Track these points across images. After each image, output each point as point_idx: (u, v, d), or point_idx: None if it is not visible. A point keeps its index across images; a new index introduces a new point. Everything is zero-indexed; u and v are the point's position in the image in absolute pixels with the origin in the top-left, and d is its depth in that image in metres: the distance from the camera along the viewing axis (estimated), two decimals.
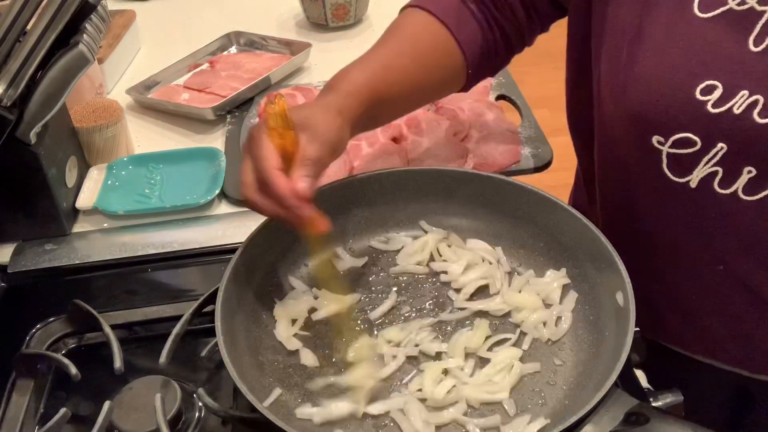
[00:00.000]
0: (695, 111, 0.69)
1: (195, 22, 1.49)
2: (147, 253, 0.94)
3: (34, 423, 0.75)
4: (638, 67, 0.72)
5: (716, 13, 0.68)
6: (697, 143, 0.71)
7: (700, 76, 0.69)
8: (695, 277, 0.81)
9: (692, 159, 0.72)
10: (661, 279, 0.84)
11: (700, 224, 0.76)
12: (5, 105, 0.83)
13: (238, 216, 0.99)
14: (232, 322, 0.74)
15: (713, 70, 0.68)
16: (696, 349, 0.88)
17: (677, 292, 0.84)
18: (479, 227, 0.86)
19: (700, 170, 0.72)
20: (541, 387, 0.72)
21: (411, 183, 0.86)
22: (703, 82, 0.68)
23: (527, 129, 1.10)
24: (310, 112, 0.73)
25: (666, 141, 0.72)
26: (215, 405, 0.69)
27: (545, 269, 0.82)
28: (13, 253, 0.94)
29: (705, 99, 0.69)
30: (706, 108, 0.69)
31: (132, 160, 1.08)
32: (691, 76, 0.69)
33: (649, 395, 0.70)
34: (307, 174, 0.68)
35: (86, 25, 0.86)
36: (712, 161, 0.71)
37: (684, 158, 0.73)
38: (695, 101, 0.69)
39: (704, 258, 0.79)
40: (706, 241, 0.77)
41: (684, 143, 0.71)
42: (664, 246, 0.82)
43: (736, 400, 0.92)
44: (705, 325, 0.84)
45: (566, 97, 0.94)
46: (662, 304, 0.86)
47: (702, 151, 0.71)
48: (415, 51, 0.85)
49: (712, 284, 0.80)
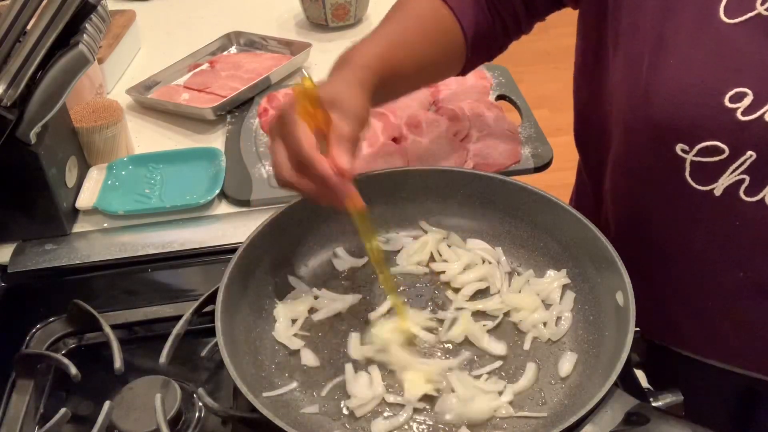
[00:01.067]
0: (724, 119, 0.68)
1: (195, 22, 1.49)
2: (147, 253, 0.94)
3: (34, 423, 0.75)
4: (662, 74, 0.71)
5: (744, 18, 0.67)
6: (724, 151, 0.69)
7: (729, 83, 0.67)
8: (713, 283, 0.80)
9: (718, 167, 0.71)
10: (676, 285, 0.83)
11: (722, 232, 0.75)
12: (5, 105, 0.83)
13: (238, 216, 0.99)
14: (232, 322, 0.74)
15: (743, 77, 0.67)
16: (710, 354, 0.87)
17: (693, 298, 0.83)
18: (479, 227, 0.86)
19: (726, 178, 0.71)
20: (541, 387, 0.72)
21: (411, 183, 0.86)
22: (732, 89, 0.67)
23: (527, 129, 1.10)
24: (336, 89, 0.71)
25: (691, 149, 0.71)
26: (215, 405, 0.69)
27: (545, 269, 0.82)
28: (13, 253, 0.94)
29: (734, 106, 0.67)
30: (736, 115, 0.67)
31: (132, 160, 1.08)
32: (720, 83, 0.68)
33: (649, 395, 0.70)
34: (346, 151, 0.68)
35: (86, 25, 0.86)
36: (739, 169, 0.70)
37: (709, 166, 0.71)
38: (724, 109, 0.67)
39: (724, 265, 0.78)
40: (727, 248, 0.76)
41: (710, 151, 0.70)
42: (680, 253, 0.81)
43: (740, 400, 0.92)
44: (721, 331, 0.83)
45: (574, 102, 0.94)
46: (676, 310, 0.85)
47: (729, 159, 0.70)
48: (421, 29, 0.85)
49: (731, 290, 0.79)
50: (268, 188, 1.02)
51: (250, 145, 1.10)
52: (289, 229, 0.83)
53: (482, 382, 0.71)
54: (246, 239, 0.78)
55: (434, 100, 1.17)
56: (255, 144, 1.10)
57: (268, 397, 0.71)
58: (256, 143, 1.10)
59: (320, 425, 0.70)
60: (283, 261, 0.83)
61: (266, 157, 1.07)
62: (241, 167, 1.05)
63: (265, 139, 1.11)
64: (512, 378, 0.73)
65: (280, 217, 0.81)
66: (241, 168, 1.05)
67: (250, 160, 1.07)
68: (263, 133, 1.13)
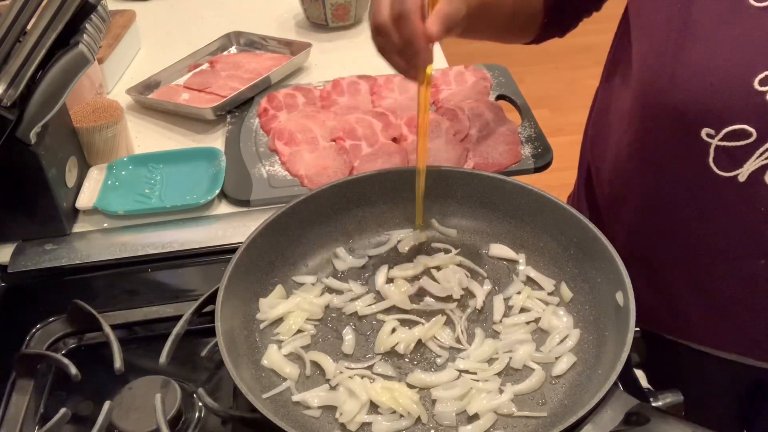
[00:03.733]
0: (753, 102, 0.68)
1: (195, 22, 1.50)
2: (147, 253, 0.94)
3: (34, 423, 0.75)
4: (688, 57, 0.71)
5: None
6: (752, 135, 0.70)
7: (759, 67, 0.68)
8: (733, 272, 0.80)
9: (744, 151, 0.71)
10: (694, 276, 0.83)
11: (745, 219, 0.75)
12: (5, 105, 0.83)
13: (238, 216, 0.99)
14: (231, 322, 0.74)
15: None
16: (728, 346, 0.86)
17: (712, 288, 0.82)
18: (479, 227, 0.86)
19: (752, 163, 0.71)
20: (541, 387, 0.72)
21: (411, 183, 0.86)
22: (762, 72, 0.67)
23: (527, 129, 1.10)
24: None
25: (717, 133, 0.71)
26: (215, 405, 0.69)
27: (545, 269, 0.82)
28: (13, 253, 0.94)
29: (764, 89, 0.68)
30: (765, 98, 0.68)
31: (132, 160, 1.08)
32: (750, 65, 0.68)
33: (649, 395, 0.70)
34: (441, 23, 0.74)
35: (86, 25, 0.86)
36: (766, 153, 0.70)
37: (735, 151, 0.71)
38: (754, 92, 0.68)
39: (745, 252, 0.77)
40: (749, 235, 0.76)
41: (737, 135, 0.70)
42: (700, 242, 0.80)
43: (747, 393, 0.92)
44: (740, 320, 0.83)
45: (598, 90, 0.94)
46: (694, 302, 0.85)
47: (756, 142, 0.70)
48: None
49: (752, 279, 0.79)
50: (268, 188, 1.02)
51: (250, 145, 1.10)
52: (289, 229, 0.83)
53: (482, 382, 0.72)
54: (246, 239, 0.78)
55: (434, 100, 1.17)
56: (255, 144, 1.10)
57: (267, 397, 0.71)
58: (256, 143, 1.10)
59: (320, 425, 0.70)
60: (283, 261, 0.83)
61: (266, 157, 1.07)
62: (241, 167, 1.05)
63: (265, 139, 1.11)
64: (514, 378, 0.73)
65: (280, 217, 0.81)
66: (241, 168, 1.05)
67: (250, 160, 1.07)
68: (263, 133, 1.13)
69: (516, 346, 0.75)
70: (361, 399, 0.70)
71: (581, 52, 2.88)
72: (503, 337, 0.76)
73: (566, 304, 0.79)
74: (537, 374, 0.72)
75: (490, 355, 0.74)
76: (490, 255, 0.85)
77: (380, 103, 1.16)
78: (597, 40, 0.96)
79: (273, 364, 0.74)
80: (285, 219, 0.82)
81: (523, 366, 0.74)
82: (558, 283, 0.81)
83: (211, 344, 0.73)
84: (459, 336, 0.77)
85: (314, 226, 0.85)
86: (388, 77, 1.21)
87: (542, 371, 0.72)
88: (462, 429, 0.68)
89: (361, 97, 1.19)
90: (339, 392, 0.71)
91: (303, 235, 0.84)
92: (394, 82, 1.20)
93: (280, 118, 1.14)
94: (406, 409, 0.69)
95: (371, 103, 1.18)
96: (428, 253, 0.86)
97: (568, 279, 0.81)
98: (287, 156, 1.06)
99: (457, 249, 0.85)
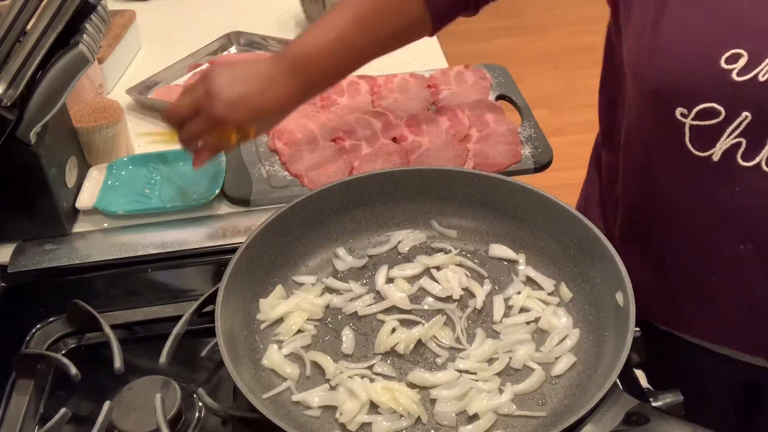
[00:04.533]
0: (720, 80, 0.69)
1: (195, 22, 1.49)
2: (147, 253, 0.94)
3: (34, 423, 0.75)
4: (661, 37, 0.72)
5: None
6: (721, 113, 0.70)
7: (725, 45, 0.68)
8: (716, 257, 0.80)
9: (715, 130, 0.72)
10: (681, 261, 0.83)
11: (723, 200, 0.75)
12: (5, 105, 0.83)
13: (238, 216, 0.99)
14: (231, 322, 0.74)
15: (738, 38, 0.68)
16: (715, 336, 0.86)
17: (697, 274, 0.82)
18: (479, 227, 0.87)
19: (723, 142, 0.72)
20: (541, 387, 0.72)
21: (411, 183, 0.86)
22: (728, 50, 0.68)
23: (527, 129, 1.10)
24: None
25: (689, 112, 0.72)
26: (215, 405, 0.69)
27: (545, 269, 0.82)
28: (13, 253, 0.94)
29: (730, 68, 0.68)
30: (731, 76, 0.68)
31: (132, 160, 1.08)
32: (716, 44, 0.69)
33: (649, 395, 0.70)
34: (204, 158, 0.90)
35: (86, 25, 0.86)
36: (735, 132, 0.71)
37: (707, 130, 0.72)
38: (720, 70, 0.68)
39: (727, 236, 0.78)
40: (729, 218, 0.76)
41: (708, 114, 0.71)
42: (683, 225, 0.81)
43: (744, 394, 0.92)
44: (725, 310, 0.83)
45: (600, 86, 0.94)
46: (682, 289, 0.85)
47: (725, 121, 0.70)
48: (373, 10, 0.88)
49: (735, 265, 0.79)
50: (268, 188, 1.02)
51: (250, 145, 1.10)
52: (289, 229, 0.83)
53: (482, 382, 0.72)
54: (246, 239, 0.78)
55: (434, 100, 1.17)
56: (255, 144, 1.10)
57: (267, 397, 0.71)
58: (256, 143, 1.10)
59: (320, 425, 0.70)
60: (283, 261, 0.83)
61: (266, 157, 1.07)
62: (241, 167, 1.05)
63: (265, 139, 1.11)
64: (514, 378, 0.73)
65: (280, 217, 0.81)
66: (241, 168, 1.05)
67: (250, 160, 1.07)
68: None
69: (516, 346, 0.75)
70: (361, 399, 0.70)
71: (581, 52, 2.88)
72: (503, 337, 0.76)
73: (566, 304, 0.79)
74: (537, 374, 0.72)
75: (490, 355, 0.74)
76: (490, 255, 0.85)
77: (380, 103, 1.16)
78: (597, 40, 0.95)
79: (273, 364, 0.74)
80: (285, 219, 0.82)
81: (523, 366, 0.74)
82: (558, 283, 0.81)
83: (211, 344, 0.73)
84: (459, 336, 0.77)
85: (314, 226, 0.85)
86: (388, 77, 1.21)
87: (542, 371, 0.72)
88: (462, 429, 0.68)
89: (361, 97, 1.19)
90: (339, 392, 0.71)
91: (303, 235, 0.84)
92: (394, 82, 1.20)
93: None
94: (406, 409, 0.69)
95: (371, 103, 1.18)
96: (428, 253, 0.86)
97: (568, 279, 0.81)
98: (287, 156, 1.06)
99: (457, 249, 0.85)
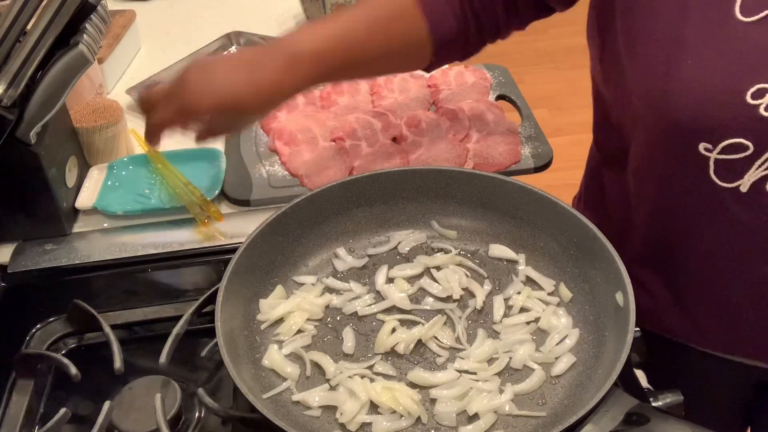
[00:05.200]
0: (747, 115, 0.68)
1: (195, 22, 1.49)
2: (147, 253, 0.94)
3: (34, 423, 0.75)
4: (680, 75, 0.71)
5: (761, 16, 0.68)
6: (749, 148, 0.70)
7: (750, 80, 0.68)
8: (739, 279, 0.80)
9: (743, 164, 0.71)
10: (701, 282, 0.83)
11: (749, 227, 0.75)
12: (5, 105, 0.83)
13: (238, 216, 0.99)
14: (231, 322, 0.74)
15: (763, 73, 0.68)
16: (734, 350, 0.86)
17: (718, 295, 0.82)
18: (479, 227, 0.87)
19: (752, 174, 0.71)
20: (541, 387, 0.72)
21: (411, 183, 0.86)
22: (753, 86, 0.68)
23: (527, 129, 1.10)
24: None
25: (714, 147, 0.71)
26: (215, 405, 0.69)
27: (545, 269, 0.82)
28: (13, 253, 0.94)
29: (756, 103, 0.68)
30: (759, 111, 0.68)
31: (132, 160, 1.08)
32: (741, 80, 0.68)
33: (649, 395, 0.70)
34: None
35: (86, 25, 0.86)
36: (765, 164, 0.70)
37: (734, 163, 0.72)
38: (746, 105, 0.68)
39: (750, 259, 0.78)
40: (754, 241, 0.76)
41: (735, 149, 0.70)
42: (706, 249, 0.80)
43: (749, 396, 0.92)
44: (746, 326, 0.83)
45: (594, 105, 0.93)
46: (701, 308, 0.85)
47: (755, 155, 0.70)
48: (376, 24, 0.85)
49: (757, 285, 0.79)
50: (268, 188, 1.02)
51: (250, 145, 1.10)
52: (289, 229, 0.83)
53: (482, 382, 0.72)
54: (246, 239, 0.78)
55: (434, 100, 1.17)
56: (255, 144, 1.10)
57: (268, 397, 0.71)
58: (256, 143, 1.10)
59: (320, 425, 0.70)
60: (283, 261, 0.83)
61: (266, 157, 1.07)
62: (241, 167, 1.05)
63: (265, 139, 1.11)
64: (514, 378, 0.73)
65: (280, 217, 0.81)
66: (241, 168, 1.05)
67: (250, 160, 1.07)
68: (263, 133, 1.13)
69: (516, 346, 0.75)
70: (361, 399, 0.70)
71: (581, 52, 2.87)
72: (503, 337, 0.76)
73: (566, 304, 0.79)
74: (537, 374, 0.72)
75: (490, 355, 0.74)
76: (490, 255, 0.85)
77: (380, 103, 1.16)
78: None
79: (274, 364, 0.74)
80: (285, 219, 0.82)
81: (523, 366, 0.74)
82: (558, 283, 0.81)
83: (211, 344, 0.74)
84: (459, 336, 0.77)
85: (314, 226, 0.85)
86: (388, 77, 1.21)
87: (542, 371, 0.72)
88: (462, 429, 0.68)
89: (361, 97, 1.19)
90: (339, 392, 0.71)
91: (303, 235, 0.84)
92: (394, 82, 1.20)
93: (280, 118, 1.14)
94: (406, 409, 0.69)
95: (371, 103, 1.18)
96: (428, 253, 0.86)
97: (567, 279, 0.81)
98: (287, 156, 1.06)
99: (457, 249, 0.85)
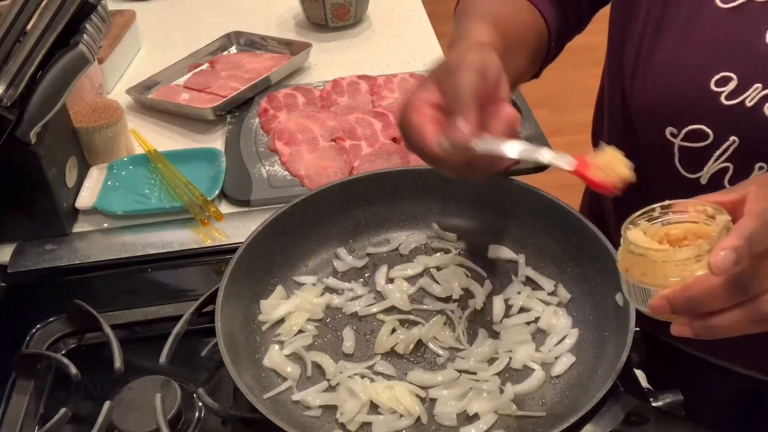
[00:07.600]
0: (709, 102, 0.69)
1: (195, 22, 1.49)
2: (147, 253, 0.94)
3: (34, 423, 0.75)
4: (657, 57, 0.72)
5: (737, 3, 0.68)
6: (709, 136, 0.70)
7: (716, 68, 0.68)
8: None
9: (703, 153, 0.71)
10: None
11: None
12: (5, 105, 0.83)
13: (238, 216, 0.99)
14: (232, 322, 0.74)
15: (730, 61, 0.68)
16: (714, 353, 0.86)
17: None
18: (479, 227, 0.86)
19: (711, 166, 0.71)
20: (541, 387, 0.72)
21: (411, 183, 0.86)
22: (718, 73, 0.68)
23: (527, 129, 1.10)
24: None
25: (678, 133, 0.71)
26: (215, 405, 0.69)
27: (545, 269, 0.82)
28: (13, 253, 0.94)
29: (719, 90, 0.68)
30: (720, 100, 0.68)
31: (132, 160, 1.08)
32: (707, 67, 0.68)
33: (649, 395, 0.70)
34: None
35: (86, 25, 0.86)
36: (723, 156, 0.70)
37: (695, 152, 0.72)
38: (709, 92, 0.68)
39: None
40: None
41: (696, 136, 0.71)
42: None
43: (744, 403, 0.91)
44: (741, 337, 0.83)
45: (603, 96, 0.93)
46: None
47: (713, 145, 0.70)
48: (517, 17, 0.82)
49: None
50: (268, 188, 1.02)
51: (250, 145, 1.10)
52: (289, 229, 0.83)
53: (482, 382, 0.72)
54: (246, 239, 0.78)
55: None
56: (255, 144, 1.10)
57: (268, 397, 0.71)
58: (256, 143, 1.10)
59: (320, 425, 0.70)
60: (283, 261, 0.83)
61: (266, 157, 1.07)
62: (241, 167, 1.05)
63: (265, 139, 1.11)
64: (514, 378, 0.73)
65: (280, 217, 0.81)
66: (241, 168, 1.05)
67: (250, 160, 1.07)
68: (263, 133, 1.13)
69: (516, 346, 0.75)
70: (361, 399, 0.70)
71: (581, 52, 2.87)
72: (503, 337, 0.76)
73: (566, 304, 0.79)
74: (537, 374, 0.72)
75: (490, 355, 0.74)
76: (490, 255, 0.85)
77: (380, 103, 1.16)
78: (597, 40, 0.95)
79: (274, 364, 0.74)
80: (285, 219, 0.82)
81: (523, 366, 0.73)
82: (558, 283, 0.81)
83: (211, 344, 0.73)
84: (459, 336, 0.77)
85: (314, 226, 0.85)
86: (388, 77, 1.21)
87: (542, 371, 0.72)
88: (462, 429, 0.68)
89: (361, 97, 1.19)
90: (339, 392, 0.71)
91: (303, 235, 0.84)
92: (394, 82, 1.20)
93: (280, 118, 1.14)
94: (406, 409, 0.69)
95: (371, 103, 1.18)
96: (428, 253, 0.86)
97: (567, 279, 0.81)
98: (287, 156, 1.06)
99: (457, 249, 0.85)
